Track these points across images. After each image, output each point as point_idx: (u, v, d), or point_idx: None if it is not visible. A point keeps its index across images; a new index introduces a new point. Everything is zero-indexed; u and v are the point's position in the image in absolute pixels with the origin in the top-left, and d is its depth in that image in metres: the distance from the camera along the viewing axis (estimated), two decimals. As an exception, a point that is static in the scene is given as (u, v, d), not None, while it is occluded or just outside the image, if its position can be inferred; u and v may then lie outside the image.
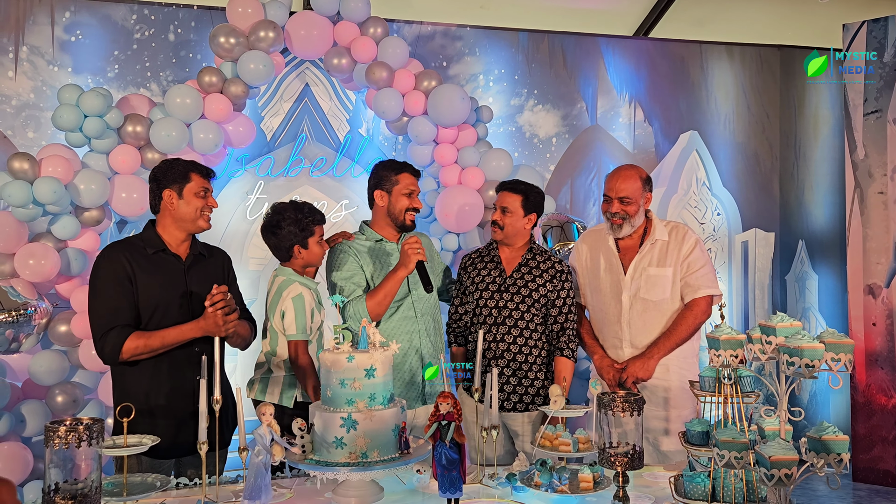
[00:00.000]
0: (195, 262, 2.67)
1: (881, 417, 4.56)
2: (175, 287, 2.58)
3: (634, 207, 3.06)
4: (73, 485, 1.55)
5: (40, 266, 3.48)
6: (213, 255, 2.77)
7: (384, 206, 3.08)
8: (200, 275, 2.64)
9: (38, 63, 4.03)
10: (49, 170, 3.48)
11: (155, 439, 1.92)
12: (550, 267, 3.12)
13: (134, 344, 2.43)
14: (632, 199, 3.05)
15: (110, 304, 2.48)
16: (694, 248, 3.08)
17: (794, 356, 1.74)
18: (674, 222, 3.22)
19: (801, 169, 5.24)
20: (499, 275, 3.13)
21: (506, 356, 3.06)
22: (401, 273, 2.88)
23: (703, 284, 3.04)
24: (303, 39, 4.02)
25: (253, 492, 1.85)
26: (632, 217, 3.06)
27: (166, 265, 2.60)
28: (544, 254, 3.17)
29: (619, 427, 2.06)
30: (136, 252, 2.57)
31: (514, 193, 3.12)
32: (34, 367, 3.54)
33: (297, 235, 2.78)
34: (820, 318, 5.15)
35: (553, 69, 4.84)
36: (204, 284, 2.55)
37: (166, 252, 2.61)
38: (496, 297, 3.09)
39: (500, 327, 3.06)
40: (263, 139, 4.35)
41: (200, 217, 2.63)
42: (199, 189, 2.62)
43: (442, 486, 1.96)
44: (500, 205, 3.13)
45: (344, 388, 2.06)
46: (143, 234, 2.65)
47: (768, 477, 1.70)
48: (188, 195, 2.60)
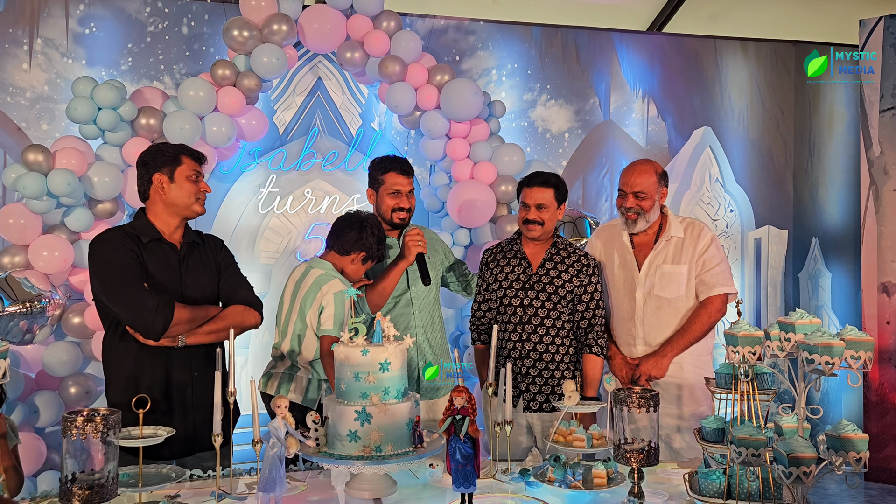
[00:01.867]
0: (190, 251, 2.55)
1: (894, 416, 4.52)
2: (171, 277, 2.47)
3: (649, 202, 3.02)
4: (89, 475, 1.55)
5: (54, 258, 3.50)
6: (206, 243, 2.65)
7: (374, 204, 3.12)
8: (195, 264, 2.54)
9: (53, 55, 4.04)
10: (63, 162, 3.49)
11: (170, 430, 1.92)
12: (577, 261, 3.02)
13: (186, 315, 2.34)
14: (647, 194, 3.01)
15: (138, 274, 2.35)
16: (710, 246, 3.04)
17: (813, 353, 1.73)
18: (689, 218, 3.18)
19: (815, 166, 5.20)
20: (523, 271, 3.02)
21: (532, 356, 2.97)
22: (401, 265, 2.89)
23: (718, 282, 3.01)
24: (316, 33, 4.01)
25: (268, 484, 1.85)
26: (647, 212, 3.03)
27: (162, 254, 2.48)
28: (569, 247, 3.06)
29: (633, 423, 2.05)
30: (134, 239, 2.45)
31: (546, 188, 2.98)
32: (48, 358, 3.56)
33: (371, 251, 2.81)
34: (833, 317, 5.11)
35: (566, 64, 4.81)
36: (197, 274, 2.50)
37: (161, 241, 2.49)
38: (521, 294, 3.00)
39: (526, 326, 2.98)
40: (276, 133, 4.35)
41: (196, 202, 2.51)
42: (190, 172, 2.49)
43: (456, 480, 1.96)
44: (533, 202, 2.98)
45: (358, 381, 2.06)
46: (136, 223, 2.52)
47: (786, 474, 1.69)
48: (180, 179, 2.47)
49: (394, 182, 3.05)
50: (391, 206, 3.05)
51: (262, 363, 4.27)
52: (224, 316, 2.48)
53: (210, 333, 2.44)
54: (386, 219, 3.08)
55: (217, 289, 2.56)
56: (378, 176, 3.09)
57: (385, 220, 3.08)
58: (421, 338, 3.04)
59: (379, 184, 3.08)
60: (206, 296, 2.52)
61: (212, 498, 2.03)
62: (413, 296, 3.05)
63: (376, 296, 2.89)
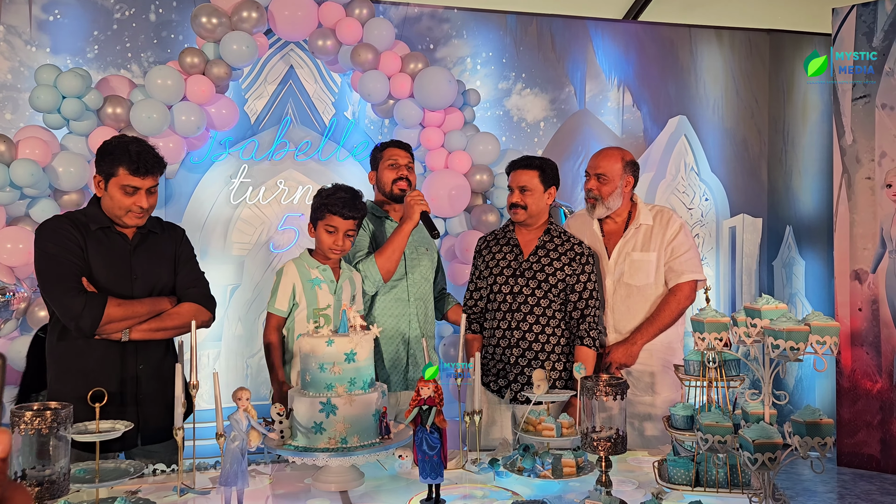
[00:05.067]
0: (142, 242, 2.42)
1: (866, 402, 4.57)
2: (120, 267, 2.35)
3: (610, 188, 3.01)
4: (40, 471, 1.51)
5: (18, 250, 3.43)
6: (164, 232, 2.50)
7: (374, 185, 3.07)
8: (147, 256, 2.42)
9: (16, 43, 3.94)
10: (27, 152, 3.41)
11: (128, 424, 1.87)
12: (569, 249, 2.94)
13: (118, 312, 2.25)
14: (608, 178, 2.99)
15: (73, 269, 2.26)
16: (678, 233, 3.03)
17: (778, 339, 1.71)
18: (659, 206, 3.18)
19: (789, 154, 5.22)
20: (514, 258, 2.95)
21: (521, 345, 2.89)
22: (407, 226, 2.85)
23: (686, 269, 3.00)
24: (287, 20, 3.95)
25: (229, 478, 1.81)
26: (605, 198, 3.01)
27: (111, 243, 2.36)
28: (563, 235, 2.99)
29: (603, 412, 2.03)
30: (81, 227, 2.33)
31: (529, 170, 2.91)
32: (13, 352, 3.49)
33: (331, 204, 2.64)
34: (806, 304, 5.15)
35: (541, 52, 4.78)
36: (150, 265, 2.39)
37: (111, 230, 2.37)
38: (511, 282, 2.92)
39: (516, 314, 2.90)
40: (247, 122, 4.28)
41: (125, 215, 2.33)
42: (125, 185, 2.30)
43: (423, 471, 1.93)
44: (515, 185, 2.92)
45: (323, 372, 2.03)
46: (88, 209, 2.40)
47: (752, 461, 1.68)
48: (112, 188, 2.31)
49: (391, 154, 3.02)
50: (392, 178, 2.99)
51: (234, 356, 4.24)
52: (174, 314, 2.39)
53: (157, 331, 2.36)
54: (386, 192, 3.02)
55: (172, 280, 2.46)
56: (377, 154, 3.07)
57: (386, 195, 3.02)
58: (413, 326, 2.99)
59: (378, 161, 3.05)
60: (159, 287, 2.42)
61: (174, 493, 1.99)
62: (409, 283, 2.99)
63: (385, 260, 2.83)
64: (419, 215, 2.85)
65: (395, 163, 3.00)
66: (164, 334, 2.39)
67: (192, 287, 2.48)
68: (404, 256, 2.96)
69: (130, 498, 1.86)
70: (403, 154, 3.05)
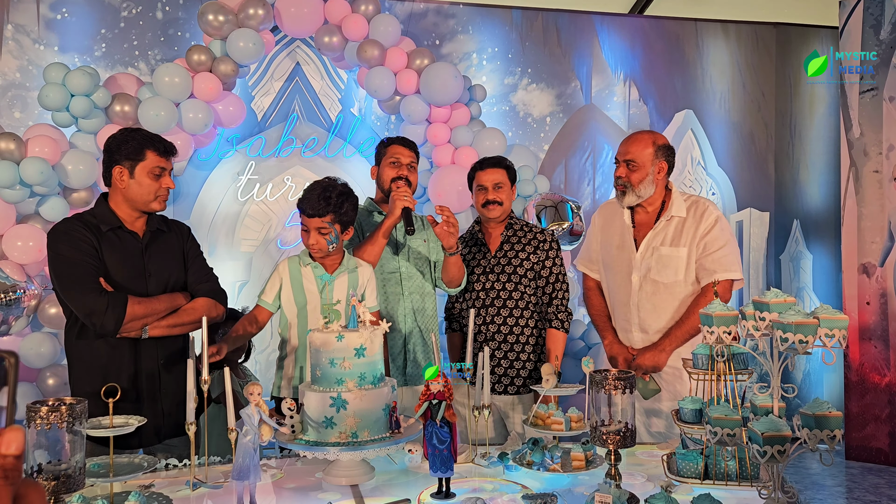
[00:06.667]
0: (153, 240, 2.45)
1: (874, 396, 4.56)
2: (133, 267, 2.38)
3: (640, 175, 2.83)
4: (56, 466, 1.53)
5: (29, 248, 3.45)
6: (171, 230, 2.54)
7: (376, 181, 3.06)
8: (159, 253, 2.45)
9: (24, 42, 3.96)
10: (36, 150, 3.44)
11: (141, 420, 1.89)
12: (533, 238, 3.08)
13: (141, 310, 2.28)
14: (637, 164, 2.82)
15: (90, 270, 2.28)
16: (713, 227, 2.81)
17: (787, 332, 1.72)
18: (695, 197, 2.95)
19: (796, 148, 5.21)
20: (483, 256, 3.10)
21: (496, 338, 3.04)
22: (387, 221, 2.78)
23: (720, 267, 2.78)
24: (293, 17, 3.96)
25: (241, 472, 1.82)
26: (635, 186, 2.84)
27: (123, 243, 2.38)
28: (526, 226, 3.12)
29: (611, 405, 2.04)
30: (93, 229, 2.35)
31: (500, 168, 3.06)
32: (24, 349, 3.52)
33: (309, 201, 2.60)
34: (814, 298, 5.14)
35: (547, 47, 4.78)
36: (162, 262, 2.43)
37: (122, 229, 2.39)
38: (482, 279, 3.08)
39: (490, 309, 3.05)
40: (254, 119, 4.30)
41: (155, 200, 2.40)
42: (153, 168, 2.37)
43: (433, 465, 1.95)
44: (490, 183, 3.03)
45: (333, 367, 2.04)
46: (96, 210, 2.41)
47: (761, 454, 1.69)
48: (140, 174, 2.36)
49: (394, 152, 2.99)
50: (390, 177, 2.96)
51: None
52: (189, 310, 2.42)
53: (174, 327, 2.39)
54: (385, 189, 2.99)
55: (183, 276, 2.50)
56: (381, 150, 3.04)
57: (385, 193, 3.00)
58: (409, 320, 2.96)
59: (381, 156, 3.03)
60: (171, 284, 2.45)
61: (186, 487, 2.01)
62: (403, 277, 2.97)
63: (361, 254, 2.78)
64: (401, 211, 2.79)
65: (396, 161, 2.98)
66: (180, 330, 2.42)
67: (205, 282, 2.52)
68: (399, 250, 2.95)
69: (144, 492, 1.88)
70: (407, 153, 3.01)
